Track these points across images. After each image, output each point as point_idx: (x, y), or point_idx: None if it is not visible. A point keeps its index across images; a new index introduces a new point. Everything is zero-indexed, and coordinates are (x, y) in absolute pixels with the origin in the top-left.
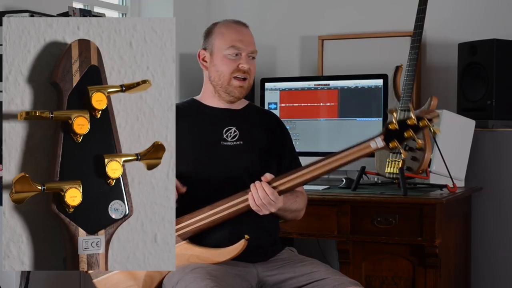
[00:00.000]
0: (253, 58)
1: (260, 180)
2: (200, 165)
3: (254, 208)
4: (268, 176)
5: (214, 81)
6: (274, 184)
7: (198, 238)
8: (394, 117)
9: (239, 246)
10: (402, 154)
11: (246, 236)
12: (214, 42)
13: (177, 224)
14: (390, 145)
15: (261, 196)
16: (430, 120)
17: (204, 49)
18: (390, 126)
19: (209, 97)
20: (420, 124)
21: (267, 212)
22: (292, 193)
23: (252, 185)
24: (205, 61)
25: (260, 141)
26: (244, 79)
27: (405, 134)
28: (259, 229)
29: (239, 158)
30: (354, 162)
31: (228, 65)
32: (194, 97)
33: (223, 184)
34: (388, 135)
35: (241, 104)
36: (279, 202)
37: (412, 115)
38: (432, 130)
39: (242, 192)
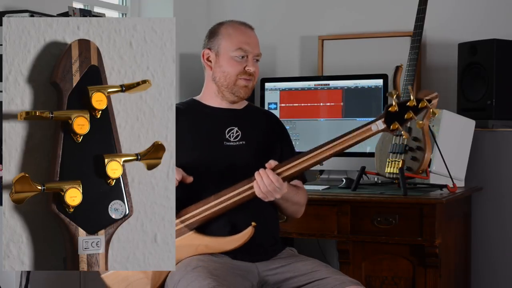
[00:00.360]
0: (258, 60)
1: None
2: (203, 165)
3: (260, 195)
4: (272, 162)
5: (219, 81)
6: (278, 171)
7: (200, 226)
8: (394, 100)
9: (246, 233)
10: (403, 136)
11: (253, 223)
12: (221, 42)
13: (183, 214)
14: (391, 127)
15: (266, 183)
16: (429, 101)
17: (209, 48)
18: (390, 109)
19: (211, 97)
20: (420, 105)
21: (272, 199)
22: (294, 186)
23: (256, 173)
24: (210, 61)
25: (262, 141)
26: (249, 79)
27: (406, 116)
28: (259, 228)
29: (242, 158)
30: (356, 144)
31: (234, 67)
32: (194, 97)
33: (226, 183)
34: (388, 117)
35: (241, 105)
36: (284, 188)
37: (412, 97)
38: (432, 111)
39: (247, 180)
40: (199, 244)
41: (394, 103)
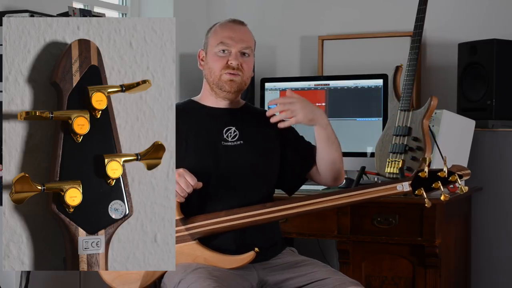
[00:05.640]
0: (247, 54)
1: (261, 178)
2: (202, 166)
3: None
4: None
5: (208, 79)
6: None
7: (204, 237)
8: (426, 166)
9: (247, 257)
10: (426, 204)
11: (256, 249)
12: (209, 41)
13: (190, 223)
14: (416, 192)
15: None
16: (460, 176)
17: (203, 49)
18: (420, 174)
19: (207, 97)
20: (450, 178)
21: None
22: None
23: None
24: (203, 61)
25: (260, 140)
26: (234, 74)
27: (433, 185)
28: (259, 230)
29: (241, 158)
30: (377, 199)
31: (217, 62)
32: (192, 98)
33: (225, 183)
34: (416, 181)
35: (239, 104)
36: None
37: (444, 168)
38: (460, 187)
39: (261, 205)
40: (198, 256)
41: (425, 170)
